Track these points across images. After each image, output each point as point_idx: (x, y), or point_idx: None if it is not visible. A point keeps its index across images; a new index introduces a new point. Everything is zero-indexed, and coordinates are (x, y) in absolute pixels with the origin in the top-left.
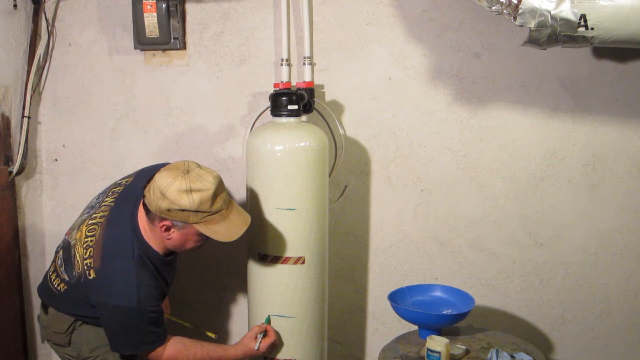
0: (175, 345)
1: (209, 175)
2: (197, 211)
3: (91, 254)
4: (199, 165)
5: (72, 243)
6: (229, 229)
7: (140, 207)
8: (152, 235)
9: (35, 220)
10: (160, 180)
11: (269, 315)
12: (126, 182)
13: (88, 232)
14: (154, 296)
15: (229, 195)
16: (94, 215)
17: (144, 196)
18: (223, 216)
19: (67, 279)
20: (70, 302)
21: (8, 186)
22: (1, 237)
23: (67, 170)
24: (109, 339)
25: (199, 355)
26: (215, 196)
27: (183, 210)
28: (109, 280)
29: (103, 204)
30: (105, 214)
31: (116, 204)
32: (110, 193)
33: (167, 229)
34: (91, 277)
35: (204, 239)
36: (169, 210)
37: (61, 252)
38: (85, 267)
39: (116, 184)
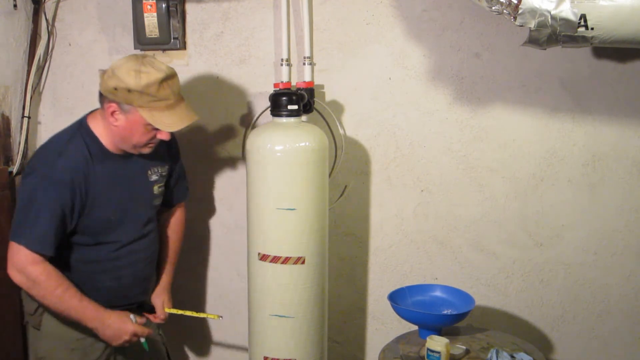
0: (45, 268)
1: (162, 65)
2: (142, 92)
3: None
4: (157, 60)
5: None
6: (172, 119)
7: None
8: (101, 125)
9: None
10: (115, 61)
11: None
12: None
13: None
14: (69, 171)
15: (181, 94)
16: None
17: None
18: (169, 106)
19: None
20: None
21: (8, 186)
22: (1, 237)
23: None
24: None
25: (58, 292)
26: (163, 82)
27: (129, 90)
28: (38, 151)
29: None
30: None
31: None
32: None
33: (113, 112)
34: None
35: (151, 133)
36: (115, 89)
37: None
38: None
39: None
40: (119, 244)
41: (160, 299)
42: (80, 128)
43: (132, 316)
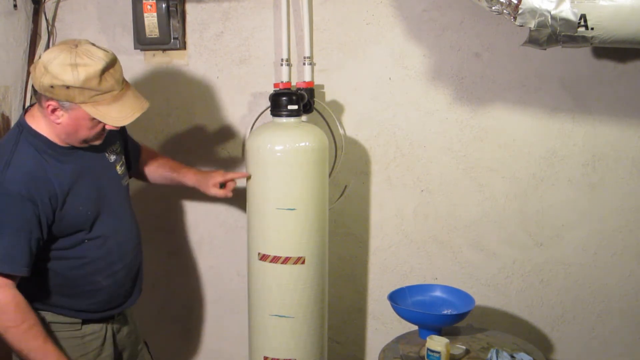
0: (14, 295)
1: (99, 52)
2: (82, 88)
3: None
4: (93, 44)
5: None
6: (121, 111)
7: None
8: (43, 122)
9: None
10: (45, 54)
11: None
12: None
13: None
14: (22, 182)
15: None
16: None
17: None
18: (115, 97)
19: None
20: None
21: None
22: None
23: None
24: None
25: (24, 327)
26: (104, 73)
27: (67, 87)
28: None
29: None
30: None
31: None
32: None
33: (54, 110)
34: None
35: (100, 125)
36: (52, 86)
37: None
38: None
39: None
40: (102, 237)
41: (215, 172)
42: (22, 130)
43: None
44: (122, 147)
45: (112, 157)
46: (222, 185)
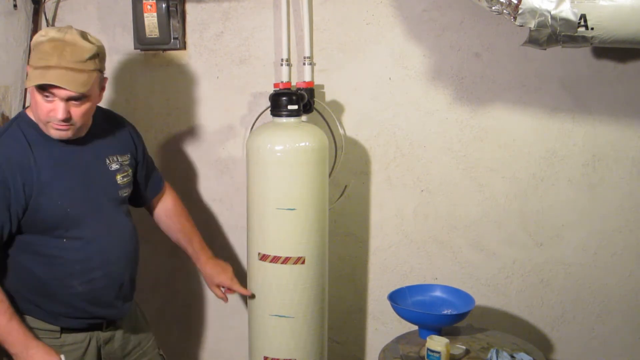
0: None
1: (74, 31)
2: (33, 49)
3: None
4: (84, 33)
5: None
6: (41, 75)
7: None
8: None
9: None
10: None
11: None
12: None
13: None
14: (1, 165)
15: (97, 70)
16: None
17: None
18: (48, 66)
19: None
20: None
21: None
22: None
23: None
24: None
25: None
26: (54, 41)
27: (31, 49)
28: None
29: None
30: None
31: None
32: None
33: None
34: None
35: (46, 106)
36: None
37: None
38: None
39: None
40: (83, 240)
41: (225, 274)
42: (17, 118)
43: (62, 356)
44: (132, 163)
45: (114, 166)
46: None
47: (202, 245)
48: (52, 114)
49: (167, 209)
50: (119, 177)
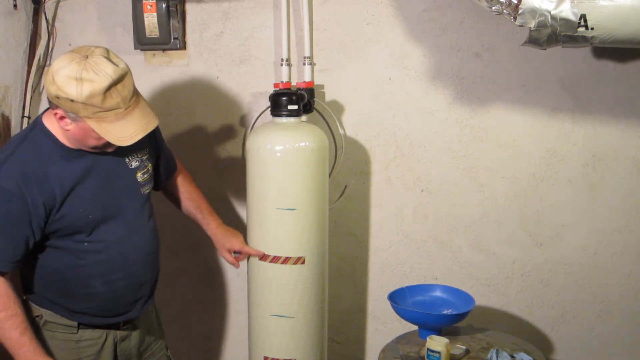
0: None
1: (108, 66)
2: (85, 104)
3: None
4: (107, 52)
5: None
6: (124, 130)
7: None
8: (57, 124)
9: None
10: (55, 62)
11: None
12: None
13: None
14: (15, 179)
15: (136, 93)
16: None
17: None
18: (119, 116)
19: None
20: None
21: None
22: None
23: None
24: None
25: (1, 315)
26: (109, 90)
27: (71, 100)
28: None
29: None
30: None
31: None
32: None
33: (62, 118)
34: None
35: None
36: (57, 97)
37: None
38: None
39: None
40: (105, 243)
41: (237, 238)
42: (34, 128)
43: None
44: (151, 155)
45: (134, 163)
46: (236, 252)
47: (211, 211)
48: (107, 143)
49: (173, 180)
50: (139, 175)
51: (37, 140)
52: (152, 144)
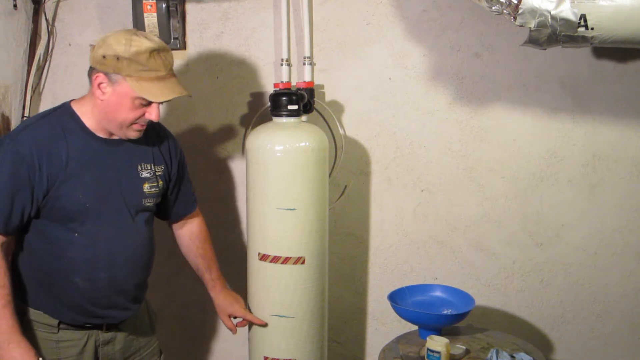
0: None
1: (156, 37)
2: (131, 60)
3: None
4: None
5: None
6: (162, 89)
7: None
8: (87, 104)
9: None
10: (108, 33)
11: None
12: None
13: None
14: (29, 145)
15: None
16: None
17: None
18: (159, 78)
19: None
20: None
21: None
22: None
23: None
24: None
25: None
26: (154, 52)
27: (117, 57)
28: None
29: None
30: None
31: None
32: None
33: (100, 84)
34: None
35: (139, 110)
36: (104, 57)
37: None
38: None
39: None
40: (94, 239)
41: (239, 304)
42: (59, 108)
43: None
44: (167, 176)
45: (145, 174)
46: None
47: (219, 274)
48: (147, 116)
49: (192, 232)
50: (146, 186)
51: (60, 118)
52: (173, 164)
